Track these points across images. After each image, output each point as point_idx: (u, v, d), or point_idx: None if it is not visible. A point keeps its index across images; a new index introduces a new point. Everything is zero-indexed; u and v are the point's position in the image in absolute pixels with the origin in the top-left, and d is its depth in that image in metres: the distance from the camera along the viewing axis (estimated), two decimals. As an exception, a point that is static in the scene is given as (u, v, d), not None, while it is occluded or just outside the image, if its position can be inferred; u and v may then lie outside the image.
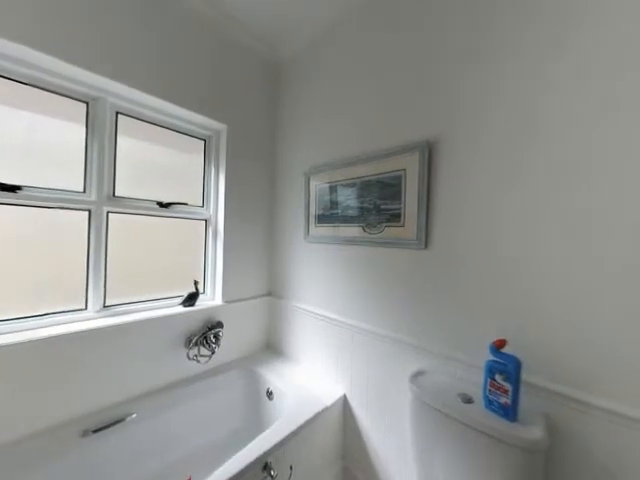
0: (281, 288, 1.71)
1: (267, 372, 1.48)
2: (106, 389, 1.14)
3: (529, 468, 0.70)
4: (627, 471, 0.67)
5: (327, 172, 1.41)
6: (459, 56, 0.98)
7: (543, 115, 0.80)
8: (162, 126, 1.43)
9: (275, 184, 1.78)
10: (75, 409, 1.07)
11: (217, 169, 1.60)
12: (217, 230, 1.60)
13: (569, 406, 0.74)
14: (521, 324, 0.83)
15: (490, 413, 0.77)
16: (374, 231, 1.21)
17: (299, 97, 1.62)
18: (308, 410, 1.16)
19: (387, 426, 1.15)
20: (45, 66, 1.05)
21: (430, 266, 1.04)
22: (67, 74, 1.10)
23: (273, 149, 1.79)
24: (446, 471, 0.82)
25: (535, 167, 0.82)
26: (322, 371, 1.43)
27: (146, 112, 1.35)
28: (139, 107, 1.32)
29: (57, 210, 1.13)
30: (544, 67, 0.80)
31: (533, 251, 0.82)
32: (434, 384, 0.92)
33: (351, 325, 1.29)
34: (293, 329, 1.60)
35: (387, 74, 1.19)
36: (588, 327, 0.73)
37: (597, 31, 0.73)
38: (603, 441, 0.70)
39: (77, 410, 1.07)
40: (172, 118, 1.43)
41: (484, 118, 0.91)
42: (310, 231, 1.51)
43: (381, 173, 1.18)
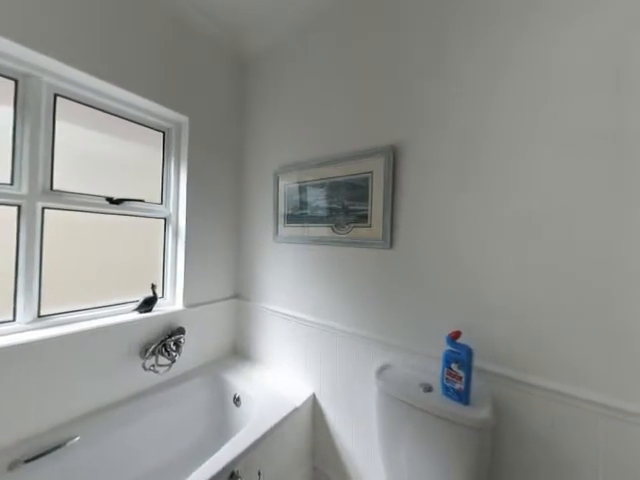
0: (249, 290, 1.66)
1: (234, 378, 1.43)
2: (42, 411, 0.99)
3: (479, 445, 0.77)
4: (558, 440, 0.78)
5: (296, 172, 1.41)
6: (421, 70, 1.04)
7: (490, 129, 0.90)
8: (115, 114, 1.29)
9: (242, 182, 1.72)
10: (0, 438, 0.91)
11: (178, 164, 1.50)
12: (178, 229, 1.49)
13: (512, 387, 0.84)
14: (473, 316, 0.92)
15: (447, 399, 0.84)
16: (342, 231, 1.24)
17: (267, 94, 1.59)
18: (277, 413, 1.14)
19: (355, 421, 1.18)
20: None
21: (395, 265, 1.09)
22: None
23: (240, 146, 1.73)
24: (409, 457, 0.87)
25: (482, 176, 0.91)
26: (292, 372, 1.42)
27: (95, 97, 1.21)
28: (84, 90, 1.17)
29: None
30: (492, 85, 0.90)
31: (481, 251, 0.91)
32: (398, 377, 0.97)
33: (320, 324, 1.30)
34: (262, 331, 1.57)
35: (355, 80, 1.23)
36: (524, 317, 0.83)
37: (534, 57, 0.83)
38: (539, 415, 0.80)
39: (2, 439, 0.91)
40: (126, 106, 1.30)
41: (442, 129, 0.99)
42: (279, 231, 1.49)
43: (349, 175, 1.21)
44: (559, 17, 0.80)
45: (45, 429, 0.99)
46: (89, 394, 1.11)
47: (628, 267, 0.70)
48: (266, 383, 1.38)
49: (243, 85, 1.72)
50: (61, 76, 1.10)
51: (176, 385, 1.34)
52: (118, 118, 1.31)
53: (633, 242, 0.70)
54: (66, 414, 1.04)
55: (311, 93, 1.38)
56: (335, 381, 1.25)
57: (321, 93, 1.34)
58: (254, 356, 1.60)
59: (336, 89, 1.29)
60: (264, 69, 1.61)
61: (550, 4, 0.81)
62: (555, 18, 0.80)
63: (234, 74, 1.68)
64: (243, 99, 1.72)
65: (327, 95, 1.32)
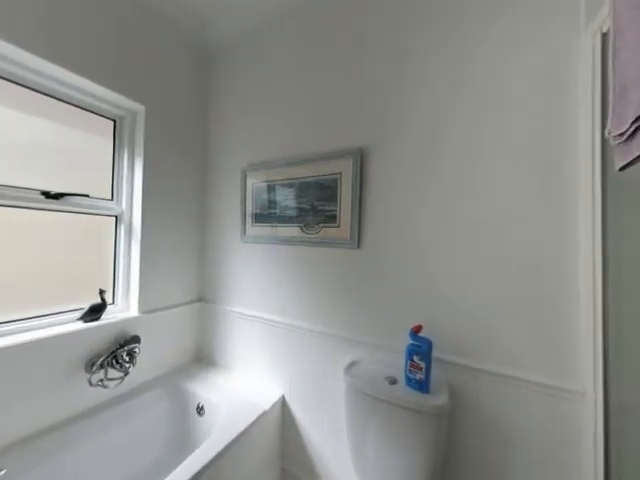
0: (214, 292, 1.58)
1: (197, 386, 1.35)
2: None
3: (437, 430, 0.83)
4: (503, 418, 0.87)
5: (265, 170, 1.38)
6: (386, 77, 1.09)
7: (447, 136, 0.98)
8: (57, 98, 1.13)
9: (207, 179, 1.63)
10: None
11: (132, 157, 1.37)
12: (132, 229, 1.36)
13: (465, 373, 0.92)
14: (432, 311, 0.99)
15: (410, 389, 0.89)
16: (312, 231, 1.24)
17: (235, 88, 1.53)
18: (244, 419, 1.11)
19: (325, 419, 1.20)
20: None
21: (362, 264, 1.13)
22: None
23: (205, 141, 1.63)
24: (375, 448, 0.91)
25: (441, 182, 0.98)
26: (260, 375, 1.38)
27: (33, 78, 1.04)
28: (15, 67, 1.01)
29: None
30: (450, 97, 0.98)
31: (440, 251, 0.98)
32: (365, 372, 1.00)
33: (288, 325, 1.29)
34: (228, 335, 1.50)
35: (325, 81, 1.24)
36: (475, 311, 0.92)
37: (489, 71, 0.93)
38: (487, 397, 0.89)
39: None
40: (72, 90, 1.15)
41: (406, 134, 1.05)
42: (247, 231, 1.44)
43: (319, 175, 1.22)
44: (510, 44, 0.90)
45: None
46: (22, 418, 0.96)
47: (557, 266, 0.82)
48: (233, 389, 1.33)
49: (207, 77, 1.63)
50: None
51: (130, 399, 1.22)
52: (61, 102, 1.15)
53: (563, 244, 0.81)
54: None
55: (280, 91, 1.36)
56: (304, 381, 1.25)
57: (290, 92, 1.33)
58: (220, 362, 1.53)
59: (306, 89, 1.29)
60: (230, 62, 1.55)
61: (502, 32, 0.90)
62: (505, 45, 0.90)
63: (198, 64, 1.58)
64: (207, 91, 1.63)
65: (296, 94, 1.31)
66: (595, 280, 0.73)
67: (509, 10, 0.89)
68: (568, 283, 0.80)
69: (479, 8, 0.93)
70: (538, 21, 0.85)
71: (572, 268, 0.80)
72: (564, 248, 0.81)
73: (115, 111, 1.31)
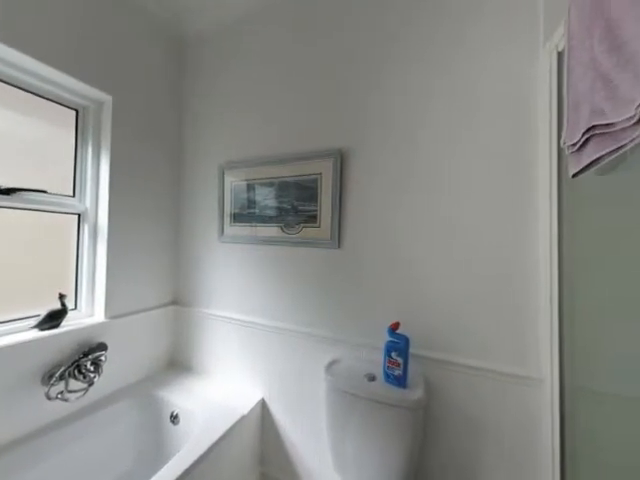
0: (189, 294, 1.52)
1: (171, 393, 1.28)
2: None
3: (414, 423, 0.87)
4: (474, 407, 0.93)
5: (244, 169, 1.35)
6: (366, 81, 1.11)
7: (420, 141, 1.02)
8: (10, 83, 1.02)
9: (182, 176, 1.56)
10: None
11: (97, 150, 1.27)
12: (98, 228, 1.26)
13: (439, 367, 0.97)
14: (410, 308, 1.02)
15: (388, 385, 0.92)
16: (292, 231, 1.23)
17: (212, 84, 1.48)
18: (221, 425, 1.07)
19: (305, 419, 1.20)
20: None
21: (342, 264, 1.14)
22: None
23: (180, 136, 1.56)
24: (355, 444, 0.93)
25: (417, 183, 1.02)
26: (239, 379, 1.35)
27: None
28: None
29: None
30: (426, 103, 1.02)
31: (416, 250, 1.02)
32: (345, 370, 1.02)
33: (269, 326, 1.27)
34: (205, 339, 1.45)
35: (306, 82, 1.24)
36: (448, 307, 0.97)
37: (461, 81, 0.98)
38: (460, 388, 0.94)
39: None
40: (28, 75, 1.04)
41: (384, 136, 1.08)
42: (225, 230, 1.40)
43: (299, 175, 1.21)
44: (479, 57, 0.95)
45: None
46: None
47: (520, 265, 0.89)
48: (210, 394, 1.28)
49: (183, 70, 1.56)
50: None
51: (96, 411, 1.14)
52: (14, 88, 1.04)
53: (525, 245, 0.88)
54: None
55: (260, 88, 1.34)
56: (285, 382, 1.24)
57: (271, 90, 1.31)
58: (196, 367, 1.47)
59: (286, 88, 1.28)
60: (208, 56, 1.49)
61: (472, 45, 0.96)
62: (474, 58, 0.96)
63: (173, 56, 1.51)
64: (183, 85, 1.56)
65: (277, 93, 1.30)
66: (552, 277, 0.80)
67: (477, 25, 0.94)
68: (529, 281, 0.87)
69: (453, 23, 0.98)
70: (503, 37, 0.91)
71: (533, 267, 0.87)
72: (526, 248, 0.88)
73: (77, 100, 1.21)
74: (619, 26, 0.46)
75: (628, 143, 0.45)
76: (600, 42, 0.50)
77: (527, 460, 0.86)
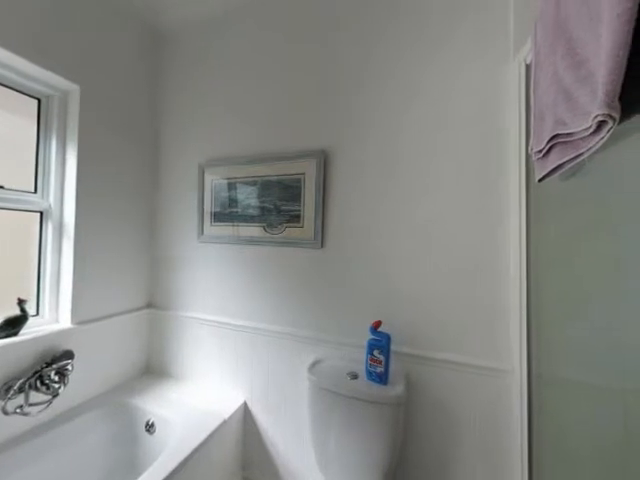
0: (166, 297, 1.45)
1: (146, 402, 1.22)
2: None
3: (395, 418, 0.89)
4: (450, 399, 0.97)
5: (225, 167, 1.31)
6: (350, 84, 1.13)
7: (401, 146, 1.05)
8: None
9: (159, 174, 1.49)
10: None
11: (63, 143, 1.18)
12: (63, 227, 1.17)
13: (418, 363, 1.00)
14: (391, 307, 1.05)
15: (370, 383, 0.94)
16: (275, 231, 1.22)
17: (192, 79, 1.42)
18: (201, 432, 1.04)
19: (288, 420, 1.19)
20: None
21: (325, 264, 1.15)
22: None
23: (156, 132, 1.49)
24: (338, 442, 0.94)
25: (397, 185, 1.05)
26: (220, 383, 1.31)
27: None
28: None
29: None
30: (406, 108, 1.05)
31: (397, 251, 1.05)
32: (329, 369, 1.02)
33: (250, 327, 1.25)
34: (183, 343, 1.39)
35: (291, 81, 1.23)
36: (427, 305, 1.01)
37: (439, 87, 1.02)
38: (437, 382, 0.98)
39: None
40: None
41: (365, 141, 1.10)
42: (205, 230, 1.35)
43: (282, 175, 1.20)
44: (455, 65, 1.00)
45: None
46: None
47: (493, 265, 0.94)
48: (189, 400, 1.23)
49: (160, 62, 1.49)
50: None
51: (61, 425, 1.05)
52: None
53: (497, 245, 0.94)
54: None
55: (243, 86, 1.31)
56: (268, 384, 1.23)
57: (254, 89, 1.29)
58: (174, 372, 1.41)
59: (270, 87, 1.26)
60: (187, 49, 1.44)
61: (448, 54, 1.00)
62: (451, 67, 1.00)
63: (149, 47, 1.44)
64: (160, 78, 1.49)
65: (260, 92, 1.28)
66: (521, 275, 0.86)
67: (452, 35, 0.99)
68: (500, 279, 0.93)
69: (432, 33, 1.02)
70: (478, 48, 0.96)
71: (504, 266, 0.92)
72: (497, 248, 0.93)
73: (40, 88, 1.12)
74: (579, 45, 0.51)
75: (586, 151, 0.49)
76: (562, 58, 0.55)
77: (499, 445, 0.91)
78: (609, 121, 0.42)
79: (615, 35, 0.40)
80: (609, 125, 0.42)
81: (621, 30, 0.39)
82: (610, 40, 0.40)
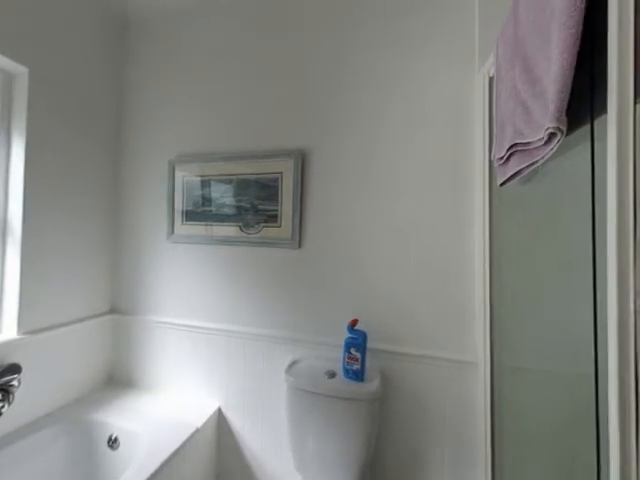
0: (132, 301, 1.35)
1: (108, 415, 1.13)
2: None
3: (371, 413, 0.92)
4: (423, 392, 1.02)
5: (198, 164, 1.25)
6: (326, 86, 1.14)
7: (377, 149, 1.08)
8: None
9: (122, 169, 1.39)
10: None
11: (7, 131, 1.05)
12: (7, 226, 1.05)
13: (394, 358, 1.04)
14: (367, 305, 1.08)
15: (347, 380, 0.95)
16: (252, 231, 1.19)
17: (162, 69, 1.34)
18: (171, 443, 0.98)
19: (265, 423, 1.17)
20: None
21: (303, 264, 1.15)
22: None
23: (121, 124, 1.38)
24: (316, 441, 0.94)
25: (373, 187, 1.08)
26: (193, 390, 1.25)
27: None
28: None
29: None
30: (382, 111, 1.08)
31: (373, 251, 1.08)
32: (306, 369, 1.02)
33: (224, 330, 1.21)
34: (151, 350, 1.31)
35: (268, 80, 1.21)
36: (402, 302, 1.04)
37: (413, 92, 1.06)
38: (412, 376, 1.02)
39: None
40: None
41: (343, 141, 1.11)
42: (175, 230, 1.28)
43: (259, 173, 1.18)
44: (427, 74, 1.05)
45: None
46: None
47: (460, 264, 1.00)
48: (158, 411, 1.16)
49: (125, 48, 1.39)
50: None
51: (5, 447, 0.94)
52: None
53: (464, 245, 1.00)
54: None
55: (218, 80, 1.26)
56: (244, 388, 1.19)
57: (230, 83, 1.25)
58: (141, 382, 1.32)
59: (248, 83, 1.23)
60: (157, 39, 1.35)
61: (421, 64, 1.05)
62: (423, 74, 1.05)
63: (111, 31, 1.33)
64: (124, 65, 1.39)
65: (237, 86, 1.24)
66: (485, 274, 0.93)
67: (424, 45, 1.04)
68: (467, 278, 0.99)
69: (406, 41, 1.06)
70: (446, 60, 1.02)
71: (470, 265, 0.99)
72: (464, 249, 1.00)
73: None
74: (533, 64, 0.56)
75: (540, 159, 0.55)
76: (520, 74, 0.60)
77: (466, 433, 0.97)
78: (558, 133, 0.46)
79: (562, 58, 0.44)
80: (558, 137, 0.47)
81: (567, 54, 0.44)
82: (558, 63, 0.45)
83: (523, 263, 0.77)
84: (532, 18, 0.56)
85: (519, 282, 0.79)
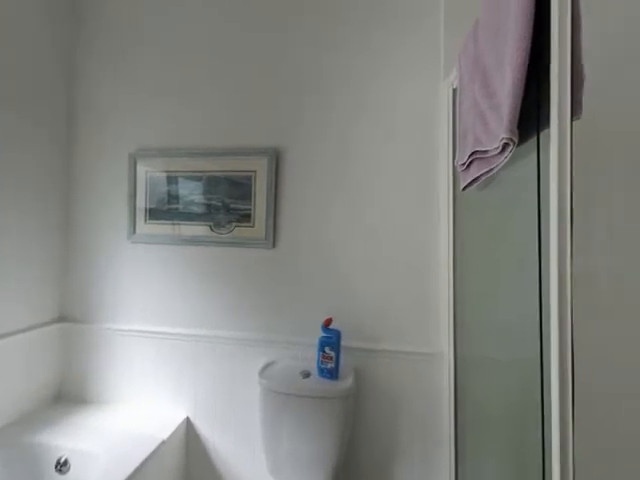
0: (85, 308, 1.23)
1: (57, 435, 1.01)
2: None
3: (345, 410, 0.93)
4: (393, 386, 1.06)
5: (164, 158, 1.18)
6: (302, 86, 1.13)
7: (350, 151, 1.10)
8: None
9: (74, 162, 1.25)
10: None
11: None
12: None
13: (366, 355, 1.06)
14: (341, 304, 1.09)
15: (322, 379, 0.96)
16: (223, 231, 1.15)
17: (122, 54, 1.23)
18: (132, 460, 0.90)
19: (238, 429, 1.13)
20: None
21: (277, 264, 1.13)
22: None
23: (71, 111, 1.25)
24: (291, 442, 0.93)
25: (347, 187, 1.10)
26: (159, 401, 1.17)
27: None
28: None
29: None
30: (355, 114, 1.11)
31: (347, 251, 1.10)
32: (280, 370, 1.01)
33: (193, 335, 1.15)
34: (109, 360, 1.20)
35: (240, 74, 1.17)
36: (374, 300, 1.08)
37: (383, 99, 1.10)
38: (382, 371, 1.06)
39: None
40: None
41: (317, 141, 1.12)
42: (137, 229, 1.19)
43: (231, 171, 1.14)
44: (395, 82, 1.09)
45: None
46: None
47: (428, 264, 1.06)
48: (118, 427, 1.07)
49: (77, 30, 1.25)
50: None
51: None
52: None
53: (431, 246, 1.06)
54: None
55: (188, 71, 1.19)
56: (214, 395, 1.14)
57: (202, 75, 1.19)
58: (98, 397, 1.20)
59: (221, 78, 1.17)
60: (114, 18, 1.24)
61: (389, 70, 1.09)
62: (391, 83, 1.09)
63: (60, 9, 1.19)
64: (76, 48, 1.25)
65: (209, 80, 1.18)
66: (449, 273, 0.99)
67: (392, 53, 1.08)
68: (433, 277, 1.05)
69: (375, 47, 1.09)
70: (413, 69, 1.07)
71: (436, 264, 1.05)
72: (432, 249, 1.05)
73: None
74: (490, 79, 0.61)
75: (496, 167, 0.60)
76: (479, 88, 0.65)
77: (434, 422, 1.03)
78: (510, 143, 0.51)
79: (514, 76, 0.49)
80: (511, 147, 0.52)
81: (518, 72, 0.48)
82: (510, 80, 0.50)
83: (482, 261, 0.84)
84: (489, 37, 0.62)
85: (479, 279, 0.86)
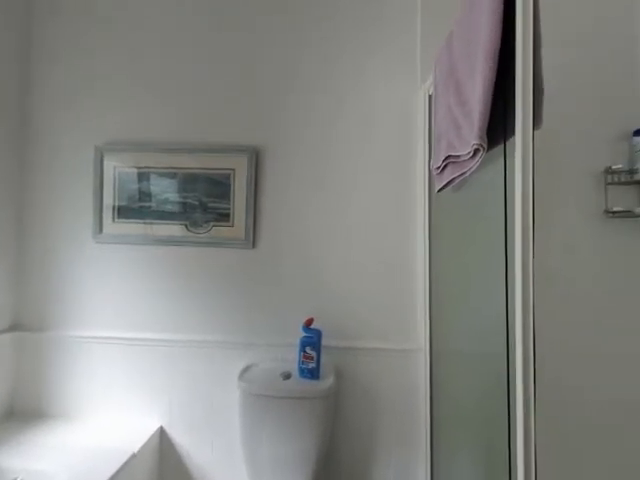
0: (42, 315, 1.12)
1: (10, 456, 0.91)
2: None
3: (325, 409, 0.94)
4: (371, 382, 1.08)
5: (134, 153, 1.11)
6: (282, 84, 1.12)
7: (330, 152, 1.11)
8: None
9: (28, 156, 1.14)
10: None
11: None
12: None
13: (346, 354, 1.08)
14: (321, 304, 1.09)
15: (303, 380, 0.96)
16: (200, 230, 1.11)
17: (84, 37, 1.14)
18: (97, 477, 0.84)
19: (217, 437, 1.09)
20: None
21: (257, 264, 1.11)
22: None
23: (25, 98, 1.13)
24: (271, 443, 0.92)
25: (327, 186, 1.11)
26: (129, 411, 1.10)
27: None
28: None
29: None
30: (336, 114, 1.12)
31: (327, 251, 1.10)
32: (261, 373, 0.99)
33: (167, 340, 1.09)
34: (72, 371, 1.10)
35: (219, 69, 1.13)
36: (354, 300, 1.09)
37: (364, 102, 1.11)
38: (362, 368, 1.08)
39: None
40: None
41: (297, 141, 1.12)
42: (104, 228, 1.11)
43: (208, 168, 1.10)
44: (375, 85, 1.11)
45: None
46: None
47: (406, 264, 1.09)
48: (82, 442, 0.98)
49: (31, 10, 1.14)
50: None
51: None
52: None
53: (409, 246, 1.09)
54: None
55: (162, 61, 1.13)
56: (191, 402, 1.09)
57: (179, 65, 1.13)
58: (58, 411, 1.10)
59: (198, 71, 1.13)
60: (76, 0, 1.15)
61: (371, 72, 1.11)
62: (371, 86, 1.11)
63: None
64: (32, 29, 1.14)
65: (184, 73, 1.13)
66: (425, 272, 1.03)
67: (371, 57, 1.11)
68: (411, 277, 1.08)
69: (356, 48, 1.11)
70: (392, 73, 1.10)
71: (413, 263, 1.09)
72: (409, 249, 1.09)
73: None
74: (463, 87, 0.65)
75: (468, 171, 0.63)
76: (453, 95, 0.69)
77: (411, 415, 1.06)
78: (480, 149, 0.55)
79: (483, 86, 0.52)
80: (481, 152, 0.55)
81: (487, 83, 0.52)
82: (480, 89, 0.53)
83: (455, 260, 0.88)
84: (462, 48, 0.65)
85: (453, 277, 0.90)
